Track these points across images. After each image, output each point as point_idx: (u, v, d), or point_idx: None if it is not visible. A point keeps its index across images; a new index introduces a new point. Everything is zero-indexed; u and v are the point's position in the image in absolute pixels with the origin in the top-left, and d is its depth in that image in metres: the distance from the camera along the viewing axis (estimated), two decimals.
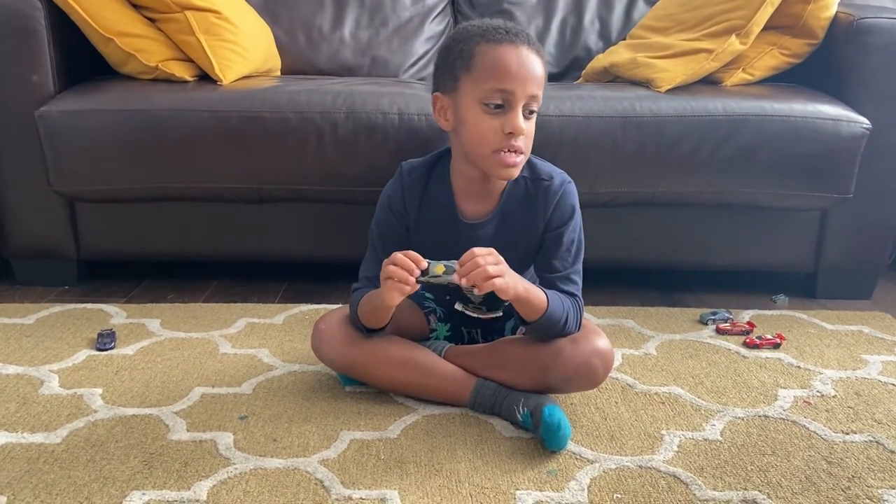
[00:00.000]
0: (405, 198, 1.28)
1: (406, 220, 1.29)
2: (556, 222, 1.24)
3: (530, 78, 1.15)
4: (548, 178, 1.25)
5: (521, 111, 1.15)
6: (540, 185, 1.25)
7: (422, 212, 1.28)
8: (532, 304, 1.16)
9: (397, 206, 1.29)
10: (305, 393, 1.32)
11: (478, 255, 1.10)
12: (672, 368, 1.44)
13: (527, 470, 1.11)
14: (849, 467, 1.13)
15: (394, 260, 1.11)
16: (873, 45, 1.68)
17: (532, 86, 1.15)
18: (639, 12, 2.15)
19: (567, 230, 1.24)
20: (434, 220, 1.28)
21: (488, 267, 1.08)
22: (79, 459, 1.11)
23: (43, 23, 1.65)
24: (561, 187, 1.25)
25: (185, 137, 1.64)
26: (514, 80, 1.14)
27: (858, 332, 1.62)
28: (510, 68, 1.14)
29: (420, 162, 1.31)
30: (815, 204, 1.72)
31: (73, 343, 1.49)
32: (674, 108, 1.64)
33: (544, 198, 1.24)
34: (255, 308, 1.69)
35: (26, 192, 1.72)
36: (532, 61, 1.15)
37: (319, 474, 1.08)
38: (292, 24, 2.11)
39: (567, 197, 1.25)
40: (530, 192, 1.25)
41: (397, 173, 1.31)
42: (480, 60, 1.15)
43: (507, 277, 1.11)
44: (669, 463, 1.13)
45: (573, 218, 1.25)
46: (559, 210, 1.24)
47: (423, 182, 1.28)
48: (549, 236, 1.25)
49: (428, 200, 1.28)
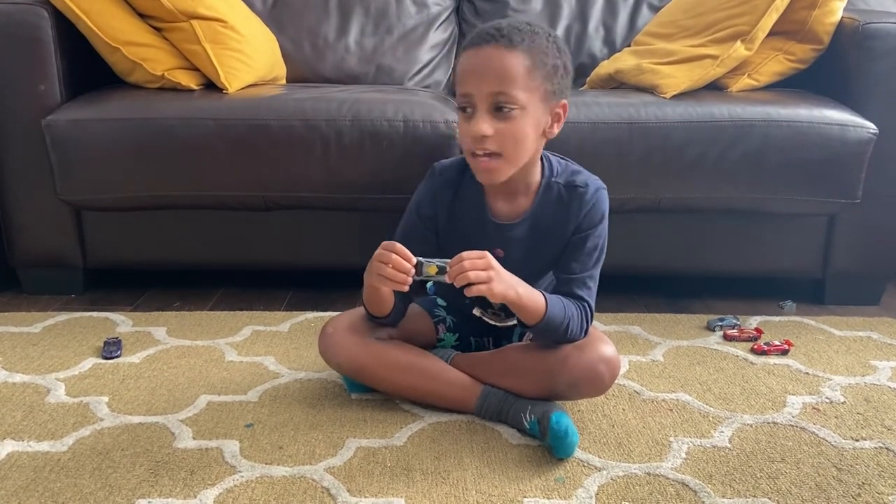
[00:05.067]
0: (436, 198, 1.28)
1: (435, 224, 1.28)
2: (584, 226, 1.24)
3: (488, 76, 1.11)
4: (583, 185, 1.24)
5: (490, 111, 1.13)
6: (574, 193, 1.24)
7: (453, 211, 1.28)
8: (528, 308, 1.15)
9: (426, 211, 1.28)
10: (311, 400, 1.31)
11: (465, 258, 1.09)
12: (679, 375, 1.43)
13: (534, 477, 1.10)
14: (859, 474, 1.12)
15: (388, 259, 1.11)
16: (879, 50, 1.67)
17: (490, 84, 1.11)
18: (643, 19, 2.15)
19: (593, 235, 1.24)
20: (465, 220, 1.28)
21: (470, 273, 1.08)
22: (85, 468, 1.11)
23: (50, 32, 1.66)
24: (595, 195, 1.24)
25: (191, 146, 1.64)
26: (469, 83, 1.13)
27: (867, 338, 1.61)
28: (466, 71, 1.14)
29: (453, 161, 1.31)
30: (822, 209, 1.72)
31: (79, 351, 1.50)
32: (679, 115, 1.64)
33: (578, 205, 1.23)
34: (260, 316, 1.69)
35: (33, 201, 1.72)
36: (494, 58, 1.11)
37: (326, 482, 1.08)
38: (298, 33, 2.12)
39: (599, 203, 1.24)
40: (564, 199, 1.24)
41: (429, 173, 1.30)
42: (457, 68, 1.18)
43: (495, 284, 1.10)
44: (678, 470, 1.12)
45: (601, 224, 1.24)
46: (589, 216, 1.23)
47: (456, 182, 1.28)
48: (575, 238, 1.24)
49: (460, 200, 1.28)
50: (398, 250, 1.11)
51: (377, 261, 1.13)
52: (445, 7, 2.21)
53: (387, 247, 1.12)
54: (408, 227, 1.29)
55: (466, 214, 1.27)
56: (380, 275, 1.12)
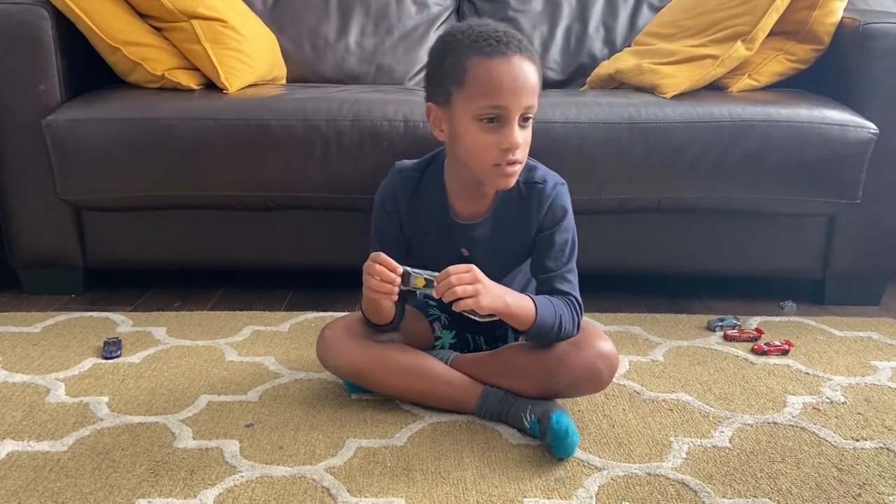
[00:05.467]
0: (396, 196, 1.29)
1: (399, 218, 1.29)
2: (547, 224, 1.24)
3: (524, 90, 1.12)
4: (541, 181, 1.24)
5: (518, 122, 1.13)
6: (534, 189, 1.24)
7: (413, 210, 1.28)
8: (518, 316, 1.16)
9: (389, 205, 1.29)
10: (311, 400, 1.31)
11: (452, 273, 1.10)
12: (680, 375, 1.43)
13: (534, 477, 1.10)
14: (859, 474, 1.12)
15: (374, 271, 1.12)
16: (879, 51, 1.67)
17: (526, 97, 1.12)
18: (643, 19, 2.15)
19: (559, 231, 1.24)
20: (427, 220, 1.28)
21: (457, 289, 1.09)
22: (85, 468, 1.11)
23: (50, 32, 1.66)
24: (553, 190, 1.24)
25: (191, 146, 1.64)
26: (506, 96, 1.10)
27: (867, 339, 1.61)
28: (503, 84, 1.10)
29: (413, 162, 1.31)
30: (822, 210, 1.72)
31: (79, 351, 1.50)
32: (680, 114, 1.64)
33: (538, 201, 1.24)
34: (260, 316, 1.69)
35: (33, 201, 1.72)
36: (525, 71, 1.12)
37: (326, 482, 1.08)
38: (298, 33, 2.12)
39: (559, 199, 1.24)
40: (524, 195, 1.25)
41: (390, 172, 1.31)
42: (472, 76, 1.11)
43: (482, 297, 1.10)
44: (678, 470, 1.12)
45: (565, 219, 1.25)
46: (551, 212, 1.24)
47: (416, 181, 1.28)
48: (541, 237, 1.25)
49: (420, 200, 1.28)
50: (382, 261, 1.12)
51: (365, 273, 1.14)
52: (446, 7, 2.21)
53: (372, 258, 1.13)
54: (378, 225, 1.31)
55: (428, 215, 1.28)
56: (367, 286, 1.13)
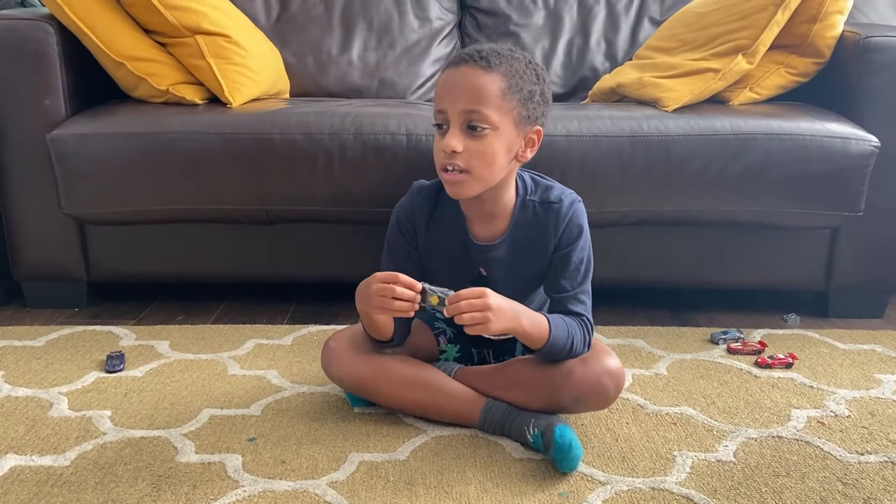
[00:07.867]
0: (414, 216, 1.29)
1: (415, 239, 1.29)
2: (564, 242, 1.24)
3: (462, 94, 1.14)
4: (557, 200, 1.25)
5: (462, 129, 1.14)
6: (550, 209, 1.25)
7: (431, 231, 1.29)
8: (532, 336, 1.16)
9: (406, 225, 1.29)
10: (314, 414, 1.31)
11: (463, 298, 1.10)
12: (683, 388, 1.43)
13: (538, 492, 1.09)
14: (864, 488, 1.12)
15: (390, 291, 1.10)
16: (880, 64, 1.68)
17: (464, 101, 1.13)
18: (645, 33, 2.16)
19: (575, 250, 1.24)
20: (445, 241, 1.28)
21: (465, 316, 1.09)
22: (87, 482, 1.10)
23: (55, 48, 1.67)
24: (570, 208, 1.24)
25: (195, 160, 1.65)
26: (444, 99, 1.16)
27: (871, 351, 1.61)
28: (442, 88, 1.17)
29: (432, 182, 1.32)
30: (824, 222, 1.71)
31: (82, 365, 1.50)
32: (681, 128, 1.64)
33: (555, 220, 1.24)
34: (263, 329, 1.69)
35: (37, 215, 1.73)
36: (469, 77, 1.13)
37: (328, 497, 1.07)
38: (301, 47, 2.13)
39: (575, 217, 1.25)
40: (539, 216, 1.25)
41: (409, 191, 1.32)
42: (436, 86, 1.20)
43: (492, 325, 1.10)
44: (682, 484, 1.12)
45: (581, 237, 1.25)
46: (568, 230, 1.24)
47: (433, 202, 1.29)
48: (557, 256, 1.25)
49: (438, 221, 1.29)
50: (402, 281, 1.11)
51: (377, 294, 1.11)
52: (448, 22, 2.22)
53: (388, 279, 1.11)
54: (392, 245, 1.30)
55: (446, 235, 1.28)
56: (380, 306, 1.12)
